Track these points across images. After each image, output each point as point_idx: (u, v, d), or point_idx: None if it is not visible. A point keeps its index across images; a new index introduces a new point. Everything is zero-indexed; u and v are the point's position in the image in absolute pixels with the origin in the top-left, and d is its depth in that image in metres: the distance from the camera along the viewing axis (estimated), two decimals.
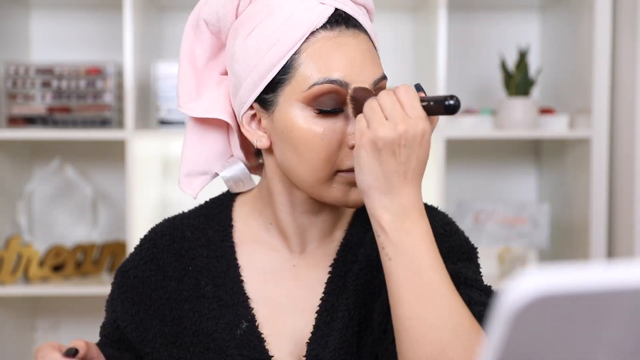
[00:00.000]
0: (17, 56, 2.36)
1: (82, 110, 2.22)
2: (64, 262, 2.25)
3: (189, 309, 0.98)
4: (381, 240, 0.85)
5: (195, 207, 1.08)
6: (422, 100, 0.85)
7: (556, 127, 2.25)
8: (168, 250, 1.03)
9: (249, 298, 0.99)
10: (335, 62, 0.90)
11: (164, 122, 2.21)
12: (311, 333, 0.96)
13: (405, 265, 0.84)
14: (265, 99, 0.94)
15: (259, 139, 0.96)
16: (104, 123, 2.22)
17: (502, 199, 2.50)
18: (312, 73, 0.90)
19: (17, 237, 2.23)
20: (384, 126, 0.83)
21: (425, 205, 1.00)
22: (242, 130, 0.98)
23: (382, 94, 0.86)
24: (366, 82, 0.91)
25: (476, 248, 1.03)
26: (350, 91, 0.91)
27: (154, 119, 2.28)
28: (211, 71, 1.02)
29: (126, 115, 2.13)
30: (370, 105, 0.85)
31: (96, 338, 1.07)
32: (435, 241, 0.86)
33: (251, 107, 0.96)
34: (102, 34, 2.44)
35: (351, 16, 0.93)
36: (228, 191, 1.08)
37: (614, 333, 0.46)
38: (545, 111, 2.29)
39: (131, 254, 1.06)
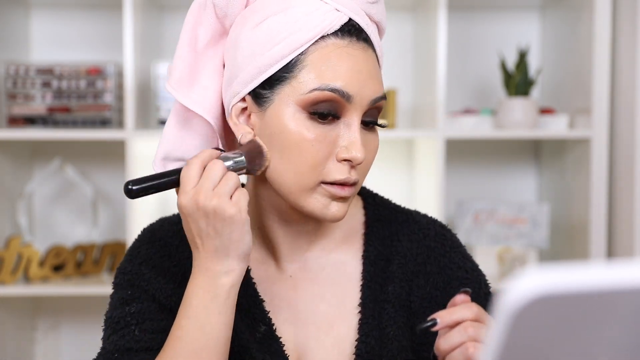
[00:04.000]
0: (17, 56, 2.36)
1: (82, 110, 2.22)
2: (64, 262, 2.25)
3: None
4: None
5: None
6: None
7: (556, 127, 2.25)
8: (183, 248, 1.00)
9: (263, 301, 0.98)
10: (342, 71, 0.89)
11: (164, 122, 2.21)
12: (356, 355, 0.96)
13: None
14: (261, 94, 0.91)
15: (244, 135, 0.92)
16: (104, 123, 2.22)
17: (502, 199, 2.50)
18: (315, 77, 0.89)
19: (17, 237, 2.23)
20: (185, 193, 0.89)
21: (441, 226, 1.04)
22: (229, 122, 0.94)
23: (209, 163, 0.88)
24: (367, 98, 0.90)
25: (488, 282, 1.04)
26: (248, 139, 0.91)
27: (154, 119, 2.28)
28: (209, 59, 0.97)
29: (126, 115, 2.13)
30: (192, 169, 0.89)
31: (98, 337, 1.03)
32: None
33: (243, 100, 0.93)
34: (102, 34, 2.44)
35: (363, 29, 0.92)
36: None
37: (614, 333, 0.46)
38: (545, 111, 2.29)
39: (137, 251, 1.02)
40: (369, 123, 0.92)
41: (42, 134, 2.17)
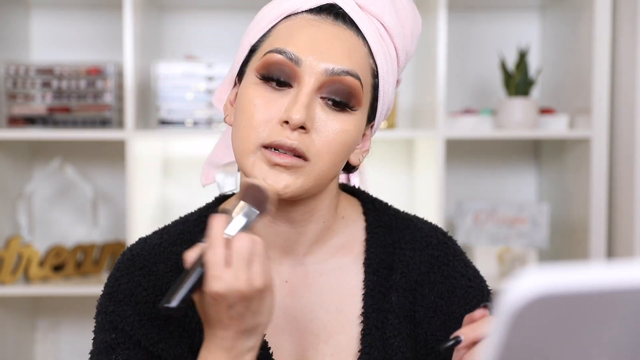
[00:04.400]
0: (17, 56, 2.36)
1: (82, 110, 2.22)
2: (64, 262, 2.25)
3: (202, 339, 0.91)
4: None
5: (175, 230, 0.98)
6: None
7: (556, 127, 2.25)
8: (170, 276, 0.93)
9: None
10: (297, 37, 0.88)
11: (164, 122, 2.21)
12: None
13: None
14: (242, 72, 0.93)
15: (229, 115, 0.94)
16: (104, 123, 2.22)
17: (501, 199, 2.50)
18: (273, 42, 0.89)
19: (17, 237, 2.23)
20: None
21: (443, 233, 1.03)
22: (223, 107, 0.97)
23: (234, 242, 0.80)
24: (321, 66, 0.86)
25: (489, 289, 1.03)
26: (249, 184, 0.85)
27: (154, 119, 2.28)
28: None
29: (126, 115, 2.13)
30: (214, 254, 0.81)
31: None
32: None
33: (236, 85, 0.95)
34: (102, 34, 2.44)
35: (347, 14, 0.90)
36: (207, 206, 1.01)
37: (614, 333, 0.46)
38: (545, 111, 2.29)
39: (117, 282, 0.94)
40: (331, 100, 0.87)
41: (42, 134, 2.17)
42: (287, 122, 0.85)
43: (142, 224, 2.15)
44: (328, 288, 0.96)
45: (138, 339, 0.90)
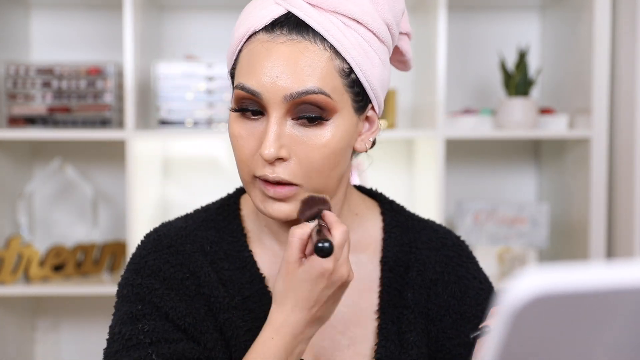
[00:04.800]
0: (17, 56, 2.36)
1: (82, 110, 2.22)
2: (64, 262, 2.25)
3: (226, 320, 0.95)
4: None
5: (199, 217, 1.02)
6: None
7: (556, 127, 2.25)
8: (195, 257, 0.97)
9: None
10: (255, 67, 0.88)
11: (164, 122, 2.21)
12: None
13: None
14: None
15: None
16: (104, 123, 2.22)
17: (501, 199, 2.50)
18: (238, 75, 0.91)
19: (17, 237, 2.23)
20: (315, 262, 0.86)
21: (457, 237, 1.06)
22: None
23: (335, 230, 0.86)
24: (279, 94, 0.87)
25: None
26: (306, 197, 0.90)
27: (154, 119, 2.28)
28: None
29: (126, 115, 2.13)
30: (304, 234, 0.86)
31: (98, 337, 1.02)
32: None
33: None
34: (102, 34, 2.44)
35: (302, 20, 0.88)
36: (229, 196, 1.05)
37: (614, 333, 0.46)
38: (545, 111, 2.29)
39: (144, 259, 0.96)
40: (303, 118, 0.88)
41: (42, 134, 2.17)
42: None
43: (142, 224, 2.15)
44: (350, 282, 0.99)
45: (165, 311, 0.92)
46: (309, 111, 0.88)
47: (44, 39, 2.45)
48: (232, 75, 0.94)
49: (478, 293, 1.02)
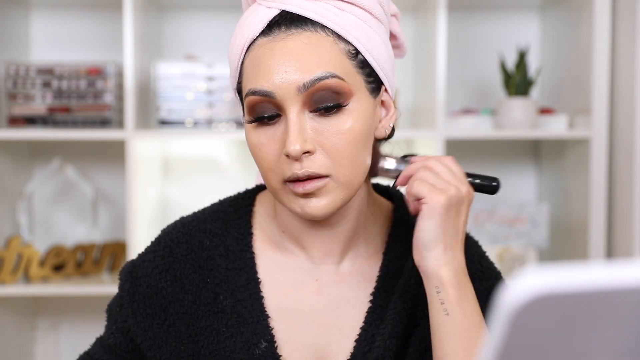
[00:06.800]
0: (17, 56, 2.37)
1: (82, 110, 2.22)
2: (64, 262, 2.25)
3: (206, 327, 0.94)
4: (441, 296, 0.87)
5: (211, 209, 1.03)
6: (467, 175, 0.94)
7: (556, 127, 2.25)
8: (185, 260, 0.97)
9: (269, 317, 0.95)
10: (262, 69, 0.87)
11: (164, 122, 2.21)
12: None
13: (462, 323, 0.87)
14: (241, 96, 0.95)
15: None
16: (104, 123, 2.22)
17: (501, 199, 2.50)
18: (246, 85, 0.90)
19: (17, 237, 2.23)
20: (452, 185, 0.88)
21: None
22: None
23: (432, 161, 0.90)
24: (293, 86, 0.86)
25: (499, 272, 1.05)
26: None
27: (154, 119, 2.28)
28: None
29: (126, 115, 2.13)
30: (427, 172, 0.89)
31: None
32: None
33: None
34: (102, 34, 2.44)
35: (297, 15, 0.88)
36: (246, 191, 1.05)
37: (614, 333, 0.46)
38: (544, 111, 2.29)
39: (142, 258, 1.00)
40: (321, 109, 0.87)
41: (42, 134, 2.17)
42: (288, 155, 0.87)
43: (142, 224, 2.15)
44: (356, 284, 0.98)
45: (128, 327, 0.99)
46: (325, 99, 0.87)
47: (44, 39, 2.45)
48: (239, 91, 0.93)
49: (474, 273, 0.99)
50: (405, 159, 0.95)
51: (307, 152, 0.86)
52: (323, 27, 0.88)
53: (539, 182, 2.54)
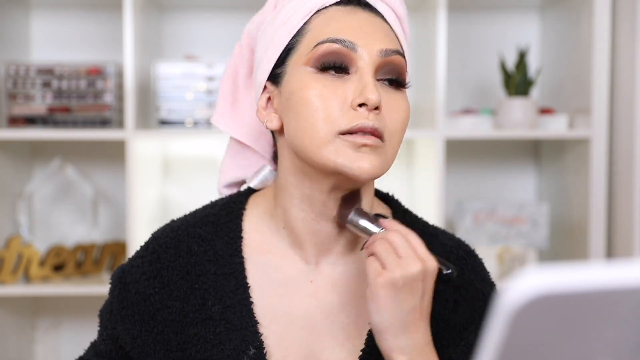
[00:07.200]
0: (17, 56, 2.36)
1: (82, 110, 2.22)
2: (65, 262, 2.25)
3: (194, 334, 0.92)
4: None
5: (202, 212, 1.01)
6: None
7: (555, 127, 2.25)
8: (173, 266, 0.95)
9: (258, 323, 0.92)
10: (343, 26, 0.89)
11: (164, 122, 2.21)
12: None
13: None
14: (276, 74, 0.93)
15: (270, 120, 0.93)
16: (104, 123, 2.22)
17: (501, 199, 2.50)
18: (318, 34, 0.89)
19: (17, 237, 2.23)
20: (401, 266, 0.83)
21: (466, 251, 1.01)
22: (258, 114, 0.95)
23: (391, 235, 0.85)
24: (375, 48, 0.88)
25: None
26: (353, 211, 0.90)
27: (154, 119, 2.28)
28: (249, 90, 1.04)
29: (126, 115, 2.13)
30: (382, 246, 0.84)
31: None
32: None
33: (266, 90, 0.95)
34: (102, 34, 2.44)
35: (370, 4, 0.93)
36: (239, 193, 1.02)
37: (614, 333, 0.46)
38: (544, 111, 2.29)
39: (131, 264, 0.99)
40: (387, 80, 0.90)
41: (42, 134, 2.17)
42: (360, 105, 0.86)
43: (142, 224, 2.15)
44: (352, 291, 0.95)
45: (118, 334, 0.99)
46: (393, 72, 0.91)
47: (44, 39, 2.45)
48: (290, 47, 0.92)
49: (475, 303, 0.96)
50: (377, 217, 0.91)
51: (377, 108, 0.87)
52: (387, 22, 0.93)
53: (539, 182, 2.54)
